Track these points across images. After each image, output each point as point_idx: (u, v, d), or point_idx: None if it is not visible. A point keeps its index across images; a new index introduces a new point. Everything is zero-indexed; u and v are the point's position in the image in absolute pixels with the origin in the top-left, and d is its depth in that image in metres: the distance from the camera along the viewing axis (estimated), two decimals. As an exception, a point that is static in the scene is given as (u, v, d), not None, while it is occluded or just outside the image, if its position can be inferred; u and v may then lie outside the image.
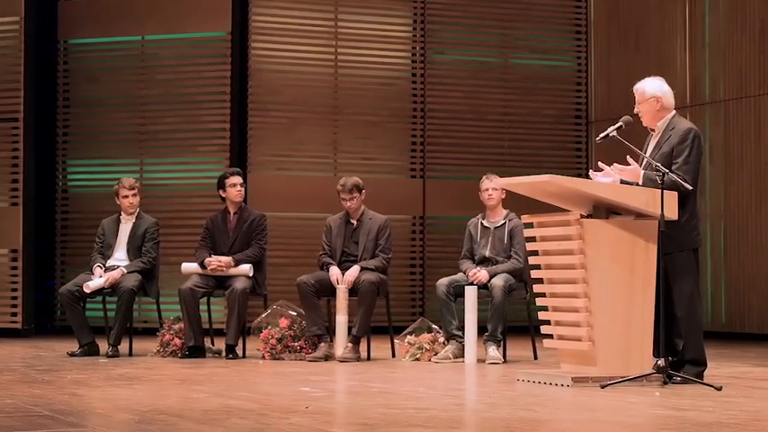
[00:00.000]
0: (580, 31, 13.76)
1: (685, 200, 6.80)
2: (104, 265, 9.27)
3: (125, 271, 9.17)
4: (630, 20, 13.24)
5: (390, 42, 13.17)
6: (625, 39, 13.30)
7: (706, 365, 6.89)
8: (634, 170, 6.85)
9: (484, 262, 8.88)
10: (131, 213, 9.45)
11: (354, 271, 8.83)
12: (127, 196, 9.42)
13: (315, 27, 12.86)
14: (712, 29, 12.28)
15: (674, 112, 7.08)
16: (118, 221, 9.50)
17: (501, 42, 13.56)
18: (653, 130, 7.09)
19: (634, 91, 7.13)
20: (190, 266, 9.24)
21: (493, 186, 8.88)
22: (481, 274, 8.71)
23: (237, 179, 9.29)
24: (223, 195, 9.32)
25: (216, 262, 9.08)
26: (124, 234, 9.41)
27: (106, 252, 9.40)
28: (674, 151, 6.86)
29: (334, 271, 8.87)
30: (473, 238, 9.00)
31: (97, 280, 9.09)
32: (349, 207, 9.05)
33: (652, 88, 7.05)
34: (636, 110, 7.09)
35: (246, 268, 9.08)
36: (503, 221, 8.93)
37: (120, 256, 9.36)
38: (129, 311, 9.12)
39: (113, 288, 9.10)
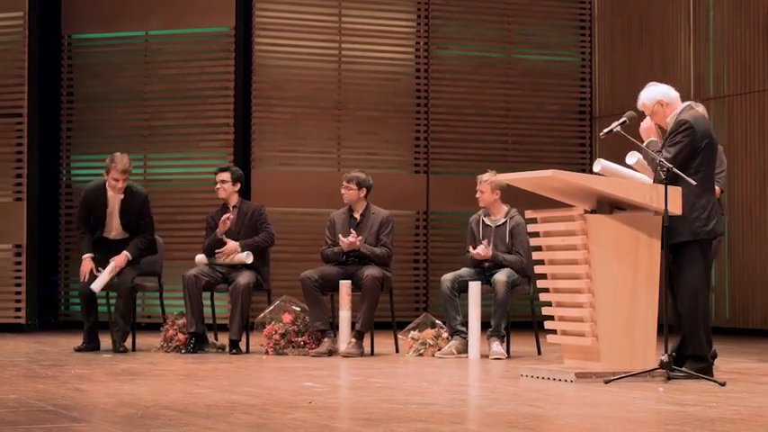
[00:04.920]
0: (584, 26, 13.75)
1: (684, 191, 6.78)
2: (98, 243, 9.02)
3: (130, 256, 9.06)
4: (634, 15, 13.22)
5: (394, 38, 13.16)
6: (629, 34, 13.29)
7: (707, 361, 6.88)
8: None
9: (486, 259, 8.87)
10: (119, 192, 9.02)
11: (355, 239, 8.82)
12: (117, 180, 8.98)
13: (319, 22, 12.86)
14: (716, 23, 12.26)
15: (681, 106, 7.04)
16: (104, 193, 9.06)
17: (504, 37, 13.55)
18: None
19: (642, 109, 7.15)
20: (203, 258, 9.25)
21: (481, 189, 8.88)
22: (482, 248, 8.71)
23: (220, 176, 9.26)
24: None
25: (222, 255, 9.07)
26: (116, 210, 9.06)
27: (96, 226, 9.08)
28: (665, 142, 6.88)
29: (342, 240, 8.86)
30: (475, 236, 8.99)
31: (102, 276, 8.95)
32: (343, 196, 9.06)
33: (649, 97, 7.04)
34: (654, 124, 7.10)
35: (243, 256, 9.07)
36: (504, 219, 8.91)
37: (114, 230, 9.09)
38: (132, 306, 9.10)
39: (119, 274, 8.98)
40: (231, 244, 9.09)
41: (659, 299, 6.77)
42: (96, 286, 8.88)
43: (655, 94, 7.04)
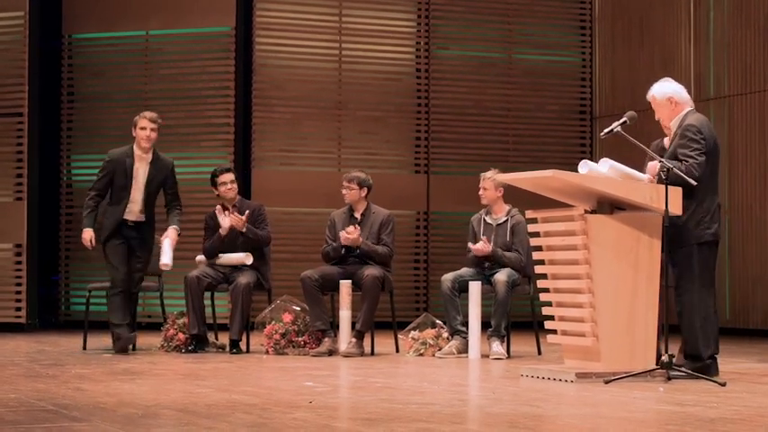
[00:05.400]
0: (584, 26, 13.75)
1: (689, 194, 6.78)
2: (116, 230, 8.74)
3: (178, 229, 8.94)
4: (635, 15, 13.22)
5: (394, 38, 13.16)
6: (629, 34, 13.29)
7: (704, 360, 6.87)
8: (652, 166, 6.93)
9: (486, 256, 8.88)
10: (147, 151, 8.85)
11: (356, 233, 8.82)
12: (145, 128, 8.78)
13: (319, 22, 12.86)
14: (717, 24, 12.27)
15: (686, 109, 7.03)
16: (132, 158, 8.82)
17: (505, 38, 13.55)
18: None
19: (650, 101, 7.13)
20: (203, 258, 9.26)
21: (484, 186, 8.89)
22: (481, 244, 8.71)
23: (226, 176, 9.26)
24: (217, 193, 9.34)
25: (233, 218, 9.03)
26: (141, 176, 8.83)
27: (119, 193, 8.76)
28: (677, 148, 6.86)
29: (343, 234, 8.86)
30: (476, 235, 8.99)
31: (167, 252, 8.74)
32: (344, 196, 9.06)
33: (661, 92, 7.03)
34: (656, 118, 7.09)
35: (243, 256, 9.07)
36: (505, 218, 8.92)
37: (135, 202, 8.80)
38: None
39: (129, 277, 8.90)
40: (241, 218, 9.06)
41: (659, 299, 6.77)
42: (166, 260, 8.74)
43: (668, 89, 7.03)
